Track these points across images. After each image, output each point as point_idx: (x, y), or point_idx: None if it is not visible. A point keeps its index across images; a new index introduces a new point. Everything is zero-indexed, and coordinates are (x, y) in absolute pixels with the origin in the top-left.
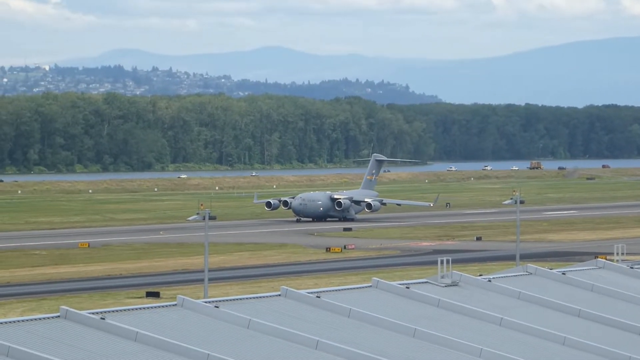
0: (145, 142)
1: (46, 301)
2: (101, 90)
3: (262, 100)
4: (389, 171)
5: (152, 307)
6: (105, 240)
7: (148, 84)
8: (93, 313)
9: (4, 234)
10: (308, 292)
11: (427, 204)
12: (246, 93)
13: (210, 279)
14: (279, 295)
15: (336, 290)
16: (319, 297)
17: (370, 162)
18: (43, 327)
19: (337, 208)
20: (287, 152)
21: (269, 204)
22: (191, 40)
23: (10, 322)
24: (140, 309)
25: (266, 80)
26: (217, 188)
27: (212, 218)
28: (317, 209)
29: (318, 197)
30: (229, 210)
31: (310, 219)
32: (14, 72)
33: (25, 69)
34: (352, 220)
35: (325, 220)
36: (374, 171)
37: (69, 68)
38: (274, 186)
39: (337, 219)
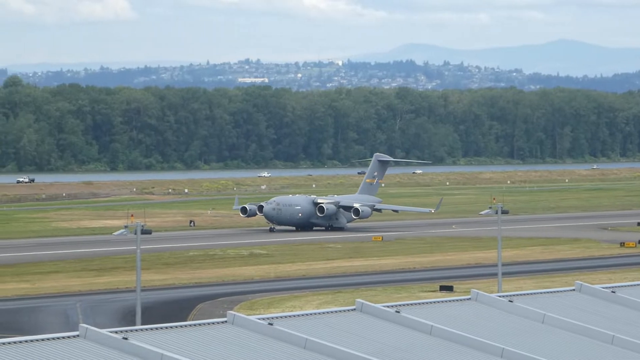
0: (437, 136)
1: (341, 294)
2: (393, 85)
3: (554, 94)
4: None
5: (446, 301)
6: (398, 234)
7: (440, 79)
8: (388, 306)
9: None
10: (602, 287)
11: (427, 209)
12: (538, 86)
13: (503, 273)
14: (573, 290)
15: (632, 285)
16: (614, 292)
17: (372, 162)
18: (339, 320)
19: (319, 214)
20: (579, 146)
21: (244, 210)
22: (482, 34)
23: (307, 315)
24: (434, 302)
25: (558, 73)
26: (508, 182)
27: (504, 212)
28: (294, 216)
29: (297, 202)
30: (520, 204)
31: (294, 228)
32: (308, 68)
33: (319, 64)
34: (340, 229)
35: (312, 230)
36: (375, 173)
37: (361, 63)
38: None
39: (323, 227)
